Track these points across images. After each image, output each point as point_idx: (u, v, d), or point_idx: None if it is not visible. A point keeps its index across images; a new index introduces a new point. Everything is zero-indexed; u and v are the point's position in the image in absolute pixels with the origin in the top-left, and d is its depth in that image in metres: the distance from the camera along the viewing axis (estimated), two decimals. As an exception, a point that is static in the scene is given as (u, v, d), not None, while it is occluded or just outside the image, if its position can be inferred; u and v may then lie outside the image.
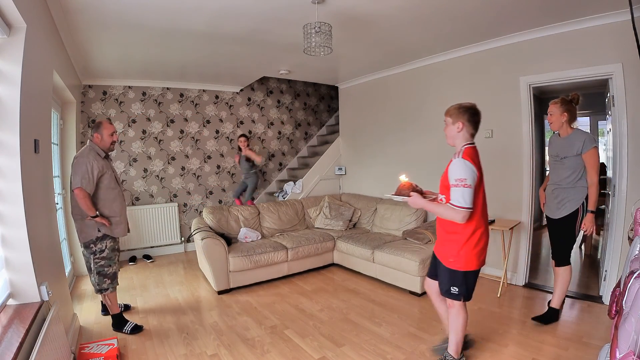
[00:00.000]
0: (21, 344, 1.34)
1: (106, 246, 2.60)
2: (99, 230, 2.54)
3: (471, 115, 1.91)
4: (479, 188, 1.87)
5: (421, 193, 2.00)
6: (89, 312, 3.03)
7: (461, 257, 1.93)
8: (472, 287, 2.02)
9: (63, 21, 2.63)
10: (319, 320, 2.84)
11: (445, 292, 2.04)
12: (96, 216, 2.50)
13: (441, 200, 1.94)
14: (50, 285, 1.87)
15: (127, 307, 3.07)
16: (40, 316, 1.69)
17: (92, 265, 2.58)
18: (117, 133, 3.30)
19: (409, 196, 1.96)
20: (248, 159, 4.81)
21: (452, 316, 2.05)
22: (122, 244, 4.57)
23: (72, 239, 3.89)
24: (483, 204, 1.94)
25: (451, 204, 1.82)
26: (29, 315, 1.59)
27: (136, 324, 2.68)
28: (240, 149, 4.92)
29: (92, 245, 2.56)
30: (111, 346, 2.27)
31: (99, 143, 2.61)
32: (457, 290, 1.99)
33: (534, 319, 2.71)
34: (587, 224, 2.54)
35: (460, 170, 1.81)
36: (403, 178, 2.07)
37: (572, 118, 2.63)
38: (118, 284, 2.72)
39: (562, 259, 2.64)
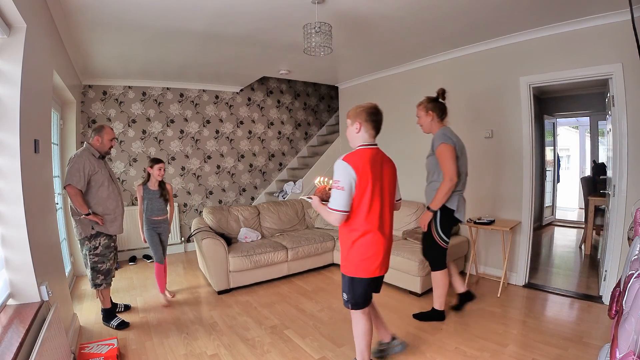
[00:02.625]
0: (21, 344, 1.34)
1: (100, 243, 2.66)
2: (92, 228, 2.60)
3: (369, 115, 1.85)
4: (362, 192, 1.77)
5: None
6: (89, 312, 3.03)
7: (349, 262, 1.88)
8: (359, 296, 1.91)
9: (63, 21, 2.63)
10: (319, 320, 2.84)
11: (343, 297, 1.99)
12: (88, 214, 2.55)
13: None
14: (50, 285, 1.87)
15: (127, 307, 3.07)
16: (40, 316, 1.69)
17: (87, 261, 2.67)
18: (116, 138, 3.34)
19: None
20: (163, 195, 3.22)
21: (352, 322, 2.00)
22: (122, 244, 4.58)
23: (72, 239, 3.89)
24: (370, 210, 1.80)
25: (327, 206, 1.81)
26: (29, 315, 1.59)
27: (123, 320, 2.76)
28: (148, 179, 3.17)
29: (86, 242, 2.63)
30: (111, 346, 2.27)
31: (97, 145, 2.69)
32: (345, 296, 1.93)
33: (414, 316, 2.77)
34: (420, 220, 2.62)
35: (336, 172, 1.78)
36: (316, 182, 2.04)
37: (441, 114, 2.61)
38: (113, 280, 2.80)
39: (432, 264, 2.68)
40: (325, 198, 1.92)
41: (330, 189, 1.90)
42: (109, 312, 2.78)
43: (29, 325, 1.49)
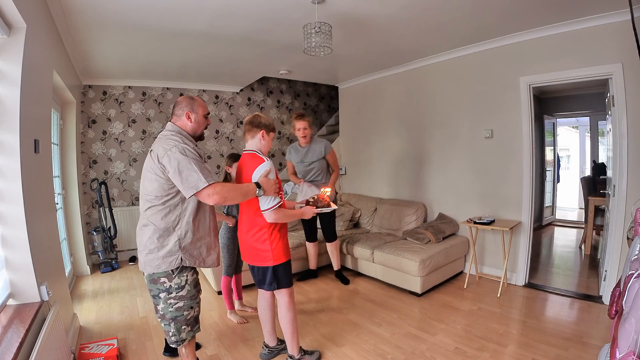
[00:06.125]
0: (21, 344, 1.34)
1: (187, 280, 1.79)
2: (181, 259, 1.74)
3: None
4: None
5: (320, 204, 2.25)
6: (89, 312, 3.03)
7: None
8: None
9: (63, 21, 2.63)
10: (319, 320, 2.84)
11: None
12: (258, 186, 1.85)
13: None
14: (50, 285, 1.88)
15: (196, 347, 2.38)
16: (40, 316, 1.69)
17: (161, 307, 1.78)
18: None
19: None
20: None
21: None
22: (123, 244, 4.58)
23: (72, 238, 3.89)
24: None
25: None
26: (29, 315, 1.59)
27: None
28: (225, 178, 2.68)
29: (165, 279, 1.75)
30: (111, 346, 2.27)
31: (190, 125, 1.81)
32: None
33: (336, 275, 3.76)
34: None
35: None
36: (322, 191, 2.36)
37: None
38: (200, 328, 1.94)
39: (335, 236, 3.66)
40: (319, 205, 2.22)
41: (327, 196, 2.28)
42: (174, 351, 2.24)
43: (29, 325, 1.49)
